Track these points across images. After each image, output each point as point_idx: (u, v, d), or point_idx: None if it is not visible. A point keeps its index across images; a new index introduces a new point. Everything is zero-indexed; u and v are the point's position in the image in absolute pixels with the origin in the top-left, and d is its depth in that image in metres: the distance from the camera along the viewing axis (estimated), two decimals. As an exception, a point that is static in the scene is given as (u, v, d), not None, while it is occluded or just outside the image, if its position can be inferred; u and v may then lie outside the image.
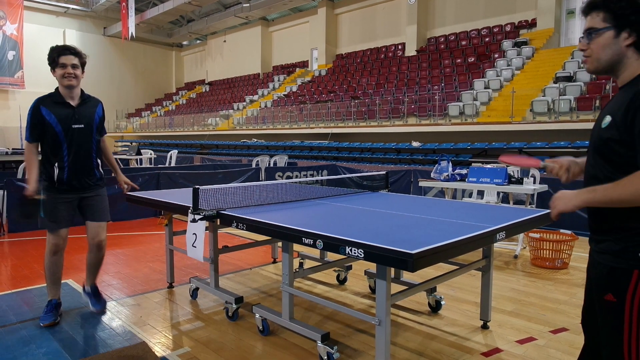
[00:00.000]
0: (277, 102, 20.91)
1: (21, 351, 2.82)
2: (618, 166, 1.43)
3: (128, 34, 25.81)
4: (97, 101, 3.53)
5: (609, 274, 1.51)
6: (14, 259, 5.01)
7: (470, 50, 16.70)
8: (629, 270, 1.45)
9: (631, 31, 1.44)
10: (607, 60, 1.50)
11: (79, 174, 3.28)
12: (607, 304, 1.52)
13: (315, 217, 2.82)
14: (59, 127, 3.14)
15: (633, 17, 1.43)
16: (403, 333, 3.13)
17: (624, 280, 1.46)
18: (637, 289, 1.44)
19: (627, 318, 1.47)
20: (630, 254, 1.45)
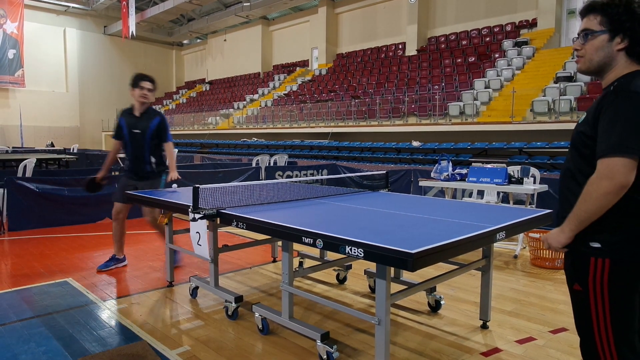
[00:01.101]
0: (278, 101, 20.90)
1: (21, 349, 2.82)
2: (587, 159, 1.54)
3: (128, 32, 25.80)
4: (156, 114, 4.52)
5: (572, 264, 1.61)
6: (14, 257, 5.02)
7: (471, 50, 16.68)
8: (587, 259, 1.53)
9: (624, 37, 1.50)
10: (598, 61, 1.57)
11: (135, 165, 4.47)
12: (575, 293, 1.61)
13: (315, 217, 2.82)
14: (126, 131, 4.42)
15: (628, 23, 1.48)
16: (403, 332, 3.13)
17: (583, 268, 1.55)
18: (596, 276, 1.51)
19: (592, 305, 1.54)
20: (586, 243, 1.54)
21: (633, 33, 1.49)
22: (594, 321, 1.55)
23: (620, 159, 1.38)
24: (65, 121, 28.61)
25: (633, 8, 1.48)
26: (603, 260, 1.50)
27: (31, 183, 6.55)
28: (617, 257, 1.48)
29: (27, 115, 25.98)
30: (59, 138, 26.80)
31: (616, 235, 1.49)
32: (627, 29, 1.49)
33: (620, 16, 1.49)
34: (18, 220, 6.38)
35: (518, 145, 11.27)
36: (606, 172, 1.41)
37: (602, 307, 1.52)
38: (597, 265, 1.51)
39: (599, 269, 1.50)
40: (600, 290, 1.51)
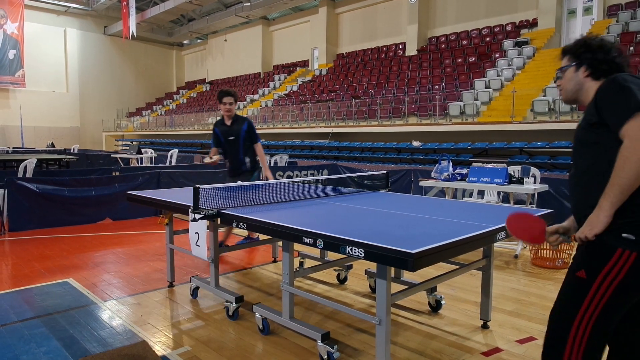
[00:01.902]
0: (278, 101, 20.90)
1: (22, 350, 2.83)
2: (596, 151, 1.65)
3: (129, 33, 25.80)
4: (244, 120, 5.10)
5: (587, 250, 1.60)
6: (15, 258, 5.02)
7: (471, 50, 16.68)
8: (612, 249, 1.52)
9: (587, 66, 1.82)
10: (571, 89, 1.87)
11: (234, 166, 5.14)
12: (575, 279, 1.63)
13: (316, 217, 2.82)
14: (222, 139, 5.06)
15: (587, 54, 1.82)
16: (403, 332, 3.13)
17: (602, 257, 1.54)
18: (614, 268, 1.51)
19: (589, 296, 1.56)
20: (617, 234, 1.53)
21: (591, 61, 1.80)
22: (580, 313, 1.57)
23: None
24: (65, 121, 28.62)
25: (588, 42, 1.84)
26: (630, 253, 1.49)
27: (32, 183, 6.55)
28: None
29: (28, 116, 25.98)
30: (59, 138, 26.81)
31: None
32: (586, 59, 1.82)
33: (580, 50, 1.85)
34: (19, 220, 6.38)
35: (518, 145, 11.26)
36: (637, 133, 1.46)
37: (598, 300, 1.54)
38: (622, 257, 1.50)
39: (622, 261, 1.50)
40: (609, 283, 1.52)
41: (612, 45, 1.83)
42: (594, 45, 1.83)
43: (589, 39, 1.87)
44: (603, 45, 1.81)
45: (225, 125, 5.06)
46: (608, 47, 1.81)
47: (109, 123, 30.16)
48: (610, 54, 1.80)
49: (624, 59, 1.81)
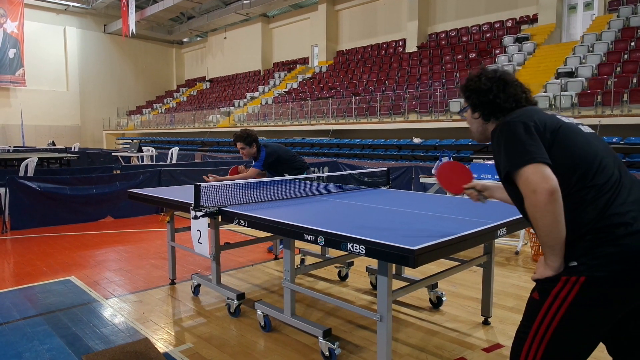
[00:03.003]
0: (278, 98, 20.88)
1: (25, 347, 2.84)
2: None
3: (128, 31, 25.77)
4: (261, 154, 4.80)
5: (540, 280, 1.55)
6: (17, 256, 5.03)
7: (472, 46, 16.64)
8: (557, 276, 1.47)
9: (474, 109, 1.74)
10: (476, 130, 1.79)
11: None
12: (531, 299, 1.56)
13: (317, 214, 2.83)
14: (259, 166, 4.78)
15: (471, 97, 1.73)
16: (404, 329, 3.14)
17: (551, 283, 1.48)
18: (559, 294, 1.46)
19: (540, 316, 1.49)
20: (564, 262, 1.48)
21: (474, 104, 1.71)
22: (531, 335, 1.50)
23: (528, 167, 1.44)
24: (66, 120, 28.62)
25: (467, 84, 1.73)
26: (577, 277, 1.42)
27: (33, 182, 6.56)
28: (594, 274, 1.41)
29: (28, 115, 25.98)
30: (60, 137, 26.82)
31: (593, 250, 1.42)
32: (471, 103, 1.73)
33: (465, 92, 1.75)
34: (20, 219, 6.39)
35: (519, 142, 11.23)
36: (528, 187, 1.43)
37: (546, 325, 1.47)
38: (569, 282, 1.44)
39: (569, 285, 1.44)
40: (557, 308, 1.45)
41: (490, 84, 1.68)
42: (472, 88, 1.72)
43: (469, 79, 1.74)
44: (478, 88, 1.70)
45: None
46: (484, 89, 1.68)
47: (109, 121, 30.15)
48: (488, 95, 1.68)
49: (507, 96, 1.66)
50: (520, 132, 1.50)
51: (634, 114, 10.11)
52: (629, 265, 1.38)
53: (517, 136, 1.50)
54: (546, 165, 1.43)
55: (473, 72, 1.75)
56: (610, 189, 1.45)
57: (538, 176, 1.41)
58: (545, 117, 1.57)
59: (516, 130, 1.52)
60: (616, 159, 1.55)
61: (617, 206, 1.42)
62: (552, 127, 1.53)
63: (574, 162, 1.47)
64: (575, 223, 1.44)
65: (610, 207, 1.42)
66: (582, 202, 1.44)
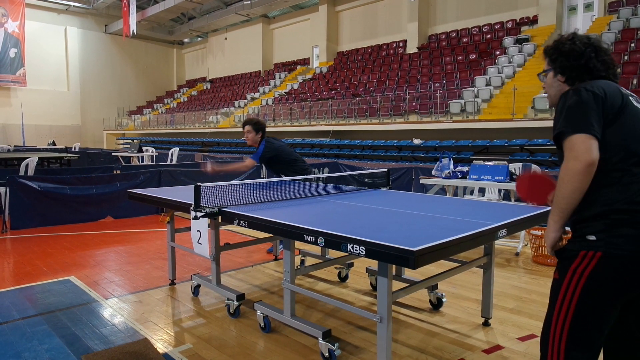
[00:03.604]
0: (279, 99, 20.89)
1: (24, 347, 2.84)
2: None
3: (129, 31, 25.78)
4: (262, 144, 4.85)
5: (560, 254, 1.64)
6: (17, 256, 5.03)
7: (472, 47, 16.65)
8: (576, 251, 1.56)
9: (560, 73, 1.75)
10: (554, 94, 1.80)
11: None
12: (554, 281, 1.65)
13: (317, 215, 2.83)
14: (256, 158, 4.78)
15: (560, 60, 1.74)
16: (404, 330, 3.13)
17: (569, 260, 1.58)
18: (577, 269, 1.54)
19: (560, 295, 1.58)
20: (581, 237, 1.57)
21: (563, 67, 1.73)
22: (556, 312, 1.58)
23: (579, 135, 1.51)
24: (66, 120, 28.64)
25: (559, 46, 1.75)
26: (594, 253, 1.51)
27: (33, 182, 6.56)
28: (610, 251, 1.49)
29: (29, 114, 26.00)
30: (60, 137, 26.83)
31: (614, 228, 1.50)
32: (559, 65, 1.74)
33: (553, 54, 1.77)
34: (20, 218, 6.39)
35: (519, 143, 11.24)
36: (571, 153, 1.51)
37: (569, 299, 1.55)
38: (586, 257, 1.53)
39: (586, 260, 1.52)
40: (576, 282, 1.54)
41: (584, 48, 1.70)
42: (564, 51, 1.73)
43: (560, 42, 1.76)
44: (572, 50, 1.71)
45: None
46: (578, 52, 1.69)
47: (109, 121, 30.16)
48: (581, 59, 1.69)
49: (600, 63, 1.69)
50: (588, 102, 1.55)
51: (634, 116, 10.09)
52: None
53: (585, 105, 1.55)
54: (596, 139, 1.51)
55: (564, 36, 1.76)
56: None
57: (585, 146, 1.49)
58: (615, 94, 1.60)
59: (586, 99, 1.56)
60: None
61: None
62: (618, 106, 1.58)
63: (623, 144, 1.54)
64: (603, 199, 1.53)
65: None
66: (616, 182, 1.52)
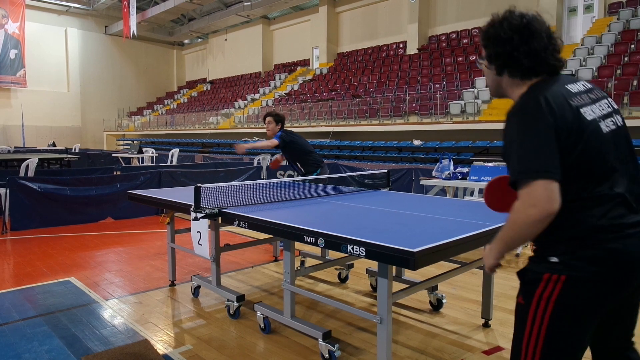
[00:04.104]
0: (279, 100, 20.90)
1: (24, 348, 2.84)
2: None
3: (129, 32, 25.80)
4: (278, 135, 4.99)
5: (522, 276, 1.53)
6: (17, 257, 5.03)
7: (472, 49, 16.65)
8: (540, 274, 1.45)
9: (489, 59, 1.52)
10: (491, 85, 1.59)
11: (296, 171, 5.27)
12: (517, 305, 1.53)
13: (317, 216, 2.83)
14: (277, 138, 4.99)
15: (489, 47, 1.51)
16: (404, 331, 3.13)
17: (533, 284, 1.46)
18: (543, 295, 1.43)
19: (529, 321, 1.46)
20: (543, 257, 1.47)
21: (489, 54, 1.51)
22: (525, 341, 1.47)
23: (539, 182, 1.30)
24: (66, 121, 28.65)
25: (486, 30, 1.50)
26: (559, 276, 1.40)
27: (33, 183, 6.57)
28: (573, 274, 1.38)
29: (29, 115, 26.01)
30: (60, 138, 26.84)
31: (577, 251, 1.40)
32: (486, 52, 1.52)
33: (482, 39, 1.52)
34: (20, 219, 6.39)
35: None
36: (529, 199, 1.32)
37: (538, 325, 1.44)
38: (551, 280, 1.41)
39: (551, 284, 1.41)
40: (544, 309, 1.42)
41: (510, 33, 1.43)
42: (490, 35, 1.48)
43: (489, 24, 1.50)
44: (497, 36, 1.46)
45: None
46: (503, 38, 1.45)
47: (110, 122, 30.17)
48: (506, 46, 1.45)
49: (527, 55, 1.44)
50: (539, 131, 1.33)
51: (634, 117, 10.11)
52: (609, 268, 1.37)
53: (535, 136, 1.33)
54: (557, 183, 1.32)
55: (497, 16, 1.50)
56: (608, 201, 1.40)
57: (546, 195, 1.30)
58: (568, 112, 1.38)
59: (536, 127, 1.34)
60: (629, 167, 1.47)
61: (610, 218, 1.39)
62: (576, 128, 1.37)
63: (584, 172, 1.39)
64: (565, 222, 1.40)
65: (603, 217, 1.39)
66: (577, 208, 1.40)
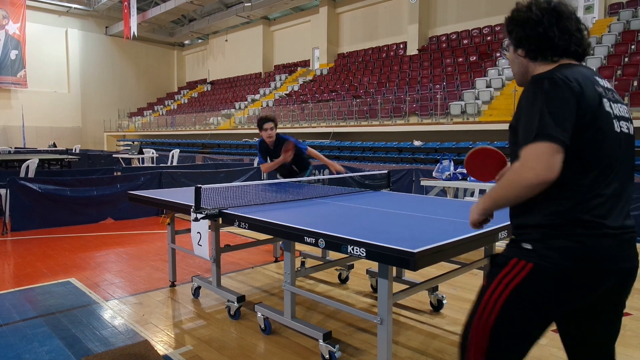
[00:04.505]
0: (279, 101, 20.91)
1: (24, 349, 2.84)
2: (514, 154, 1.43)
3: (130, 33, 25.83)
4: (284, 141, 4.86)
5: (493, 259, 1.49)
6: (17, 258, 5.03)
7: (472, 49, 16.67)
8: (508, 258, 1.41)
9: (519, 44, 1.52)
10: (517, 72, 1.58)
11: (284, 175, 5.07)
12: (480, 287, 1.51)
13: (317, 216, 2.83)
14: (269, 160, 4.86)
15: (516, 31, 1.51)
16: (405, 332, 3.13)
17: (499, 267, 1.43)
18: (504, 279, 1.39)
19: (483, 303, 1.44)
20: (517, 243, 1.43)
21: (520, 38, 1.50)
22: (476, 318, 1.44)
23: (544, 145, 1.25)
24: (67, 122, 28.67)
25: (514, 15, 1.52)
26: (526, 263, 1.36)
27: (34, 183, 6.57)
28: (542, 264, 1.34)
29: (29, 116, 26.03)
30: (61, 138, 26.85)
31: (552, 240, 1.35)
32: (515, 37, 1.52)
33: (508, 26, 1.54)
34: (21, 220, 6.39)
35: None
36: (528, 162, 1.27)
37: (490, 308, 1.40)
38: (516, 266, 1.37)
39: (516, 270, 1.37)
40: (501, 291, 1.39)
41: (541, 15, 1.43)
42: (520, 20, 1.48)
43: (516, 10, 1.51)
44: (528, 19, 1.45)
45: (269, 149, 4.93)
46: (534, 20, 1.43)
47: (110, 123, 30.19)
48: (538, 27, 1.43)
49: (561, 31, 1.42)
50: (560, 95, 1.29)
51: (634, 117, 10.11)
52: (580, 264, 1.32)
53: (553, 99, 1.29)
54: (562, 150, 1.26)
55: (521, 3, 1.51)
56: (597, 196, 1.35)
57: (545, 160, 1.24)
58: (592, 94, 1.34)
59: (558, 91, 1.30)
60: (627, 168, 1.43)
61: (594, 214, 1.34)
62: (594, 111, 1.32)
63: (584, 160, 1.34)
64: (549, 208, 1.35)
65: (588, 212, 1.33)
66: (568, 196, 1.34)
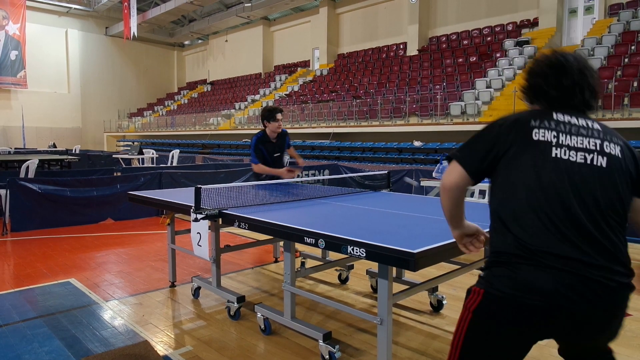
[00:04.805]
0: (279, 101, 20.92)
1: (24, 349, 2.83)
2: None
3: (130, 33, 25.84)
4: (284, 134, 4.99)
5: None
6: (17, 258, 5.03)
7: (472, 50, 16.67)
8: (471, 287, 1.52)
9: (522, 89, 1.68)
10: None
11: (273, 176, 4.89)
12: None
13: (317, 217, 2.83)
14: (268, 158, 4.84)
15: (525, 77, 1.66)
16: (405, 332, 3.13)
17: (467, 295, 1.53)
18: (467, 305, 1.49)
19: (457, 325, 1.52)
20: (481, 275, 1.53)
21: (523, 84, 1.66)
22: (453, 343, 1.52)
23: (453, 161, 1.55)
24: (67, 122, 28.67)
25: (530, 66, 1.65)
26: (479, 289, 1.46)
27: (34, 184, 6.57)
28: (488, 290, 1.43)
29: (29, 117, 26.03)
30: (61, 139, 26.84)
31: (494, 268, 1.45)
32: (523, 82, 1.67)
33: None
34: (21, 221, 6.39)
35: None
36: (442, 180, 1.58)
37: (459, 333, 1.49)
38: (475, 292, 1.47)
39: (474, 296, 1.47)
40: (464, 318, 1.48)
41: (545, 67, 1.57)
42: (529, 68, 1.64)
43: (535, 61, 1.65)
44: (531, 69, 1.62)
45: (270, 142, 4.84)
46: (535, 71, 1.60)
47: (110, 123, 30.20)
48: (536, 78, 1.59)
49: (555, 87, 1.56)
50: (483, 131, 1.56)
51: (634, 118, 10.11)
52: (520, 293, 1.36)
53: (480, 132, 1.57)
54: (462, 167, 1.51)
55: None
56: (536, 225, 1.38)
57: (448, 171, 1.55)
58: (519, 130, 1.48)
59: (486, 127, 1.57)
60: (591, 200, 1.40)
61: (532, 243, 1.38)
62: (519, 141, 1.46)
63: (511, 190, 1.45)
64: (494, 238, 1.50)
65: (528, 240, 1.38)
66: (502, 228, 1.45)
